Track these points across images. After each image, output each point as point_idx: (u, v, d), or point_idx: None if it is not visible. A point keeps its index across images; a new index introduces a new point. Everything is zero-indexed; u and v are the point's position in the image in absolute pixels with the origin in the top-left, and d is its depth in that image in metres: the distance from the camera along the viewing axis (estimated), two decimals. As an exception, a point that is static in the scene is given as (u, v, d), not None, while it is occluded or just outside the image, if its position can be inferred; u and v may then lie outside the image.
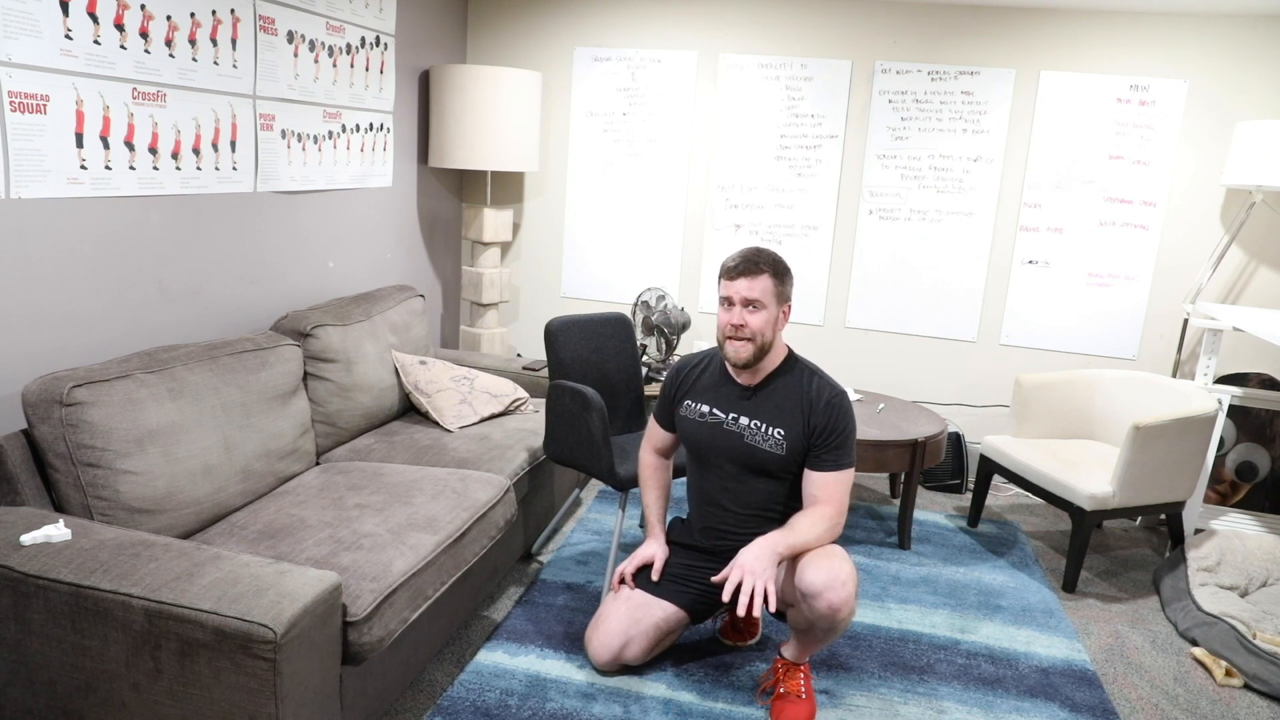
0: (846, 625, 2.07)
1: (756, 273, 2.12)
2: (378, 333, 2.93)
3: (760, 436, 2.18)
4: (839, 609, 2.00)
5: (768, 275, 2.12)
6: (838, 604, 2.00)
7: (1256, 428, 3.61)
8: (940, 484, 3.90)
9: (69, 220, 2.15)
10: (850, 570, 2.04)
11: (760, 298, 2.11)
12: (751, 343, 2.13)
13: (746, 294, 2.11)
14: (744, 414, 2.21)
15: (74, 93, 2.10)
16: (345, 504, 2.20)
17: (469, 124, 3.66)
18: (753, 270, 2.12)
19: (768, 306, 2.12)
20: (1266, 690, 2.42)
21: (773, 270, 2.13)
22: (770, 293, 2.12)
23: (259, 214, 2.84)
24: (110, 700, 1.63)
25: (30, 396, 1.87)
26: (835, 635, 2.10)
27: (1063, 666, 2.50)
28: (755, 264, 2.13)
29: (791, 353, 2.24)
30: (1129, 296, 3.81)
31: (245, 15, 2.64)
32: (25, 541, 1.69)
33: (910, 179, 3.92)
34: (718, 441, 2.24)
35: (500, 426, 2.93)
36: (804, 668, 2.22)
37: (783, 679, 2.21)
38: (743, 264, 2.13)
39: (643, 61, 4.06)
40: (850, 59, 3.88)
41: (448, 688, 2.22)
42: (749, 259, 2.14)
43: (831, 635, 2.10)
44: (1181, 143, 3.66)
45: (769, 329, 2.13)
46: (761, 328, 2.12)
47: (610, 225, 4.24)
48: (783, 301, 2.16)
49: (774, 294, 2.13)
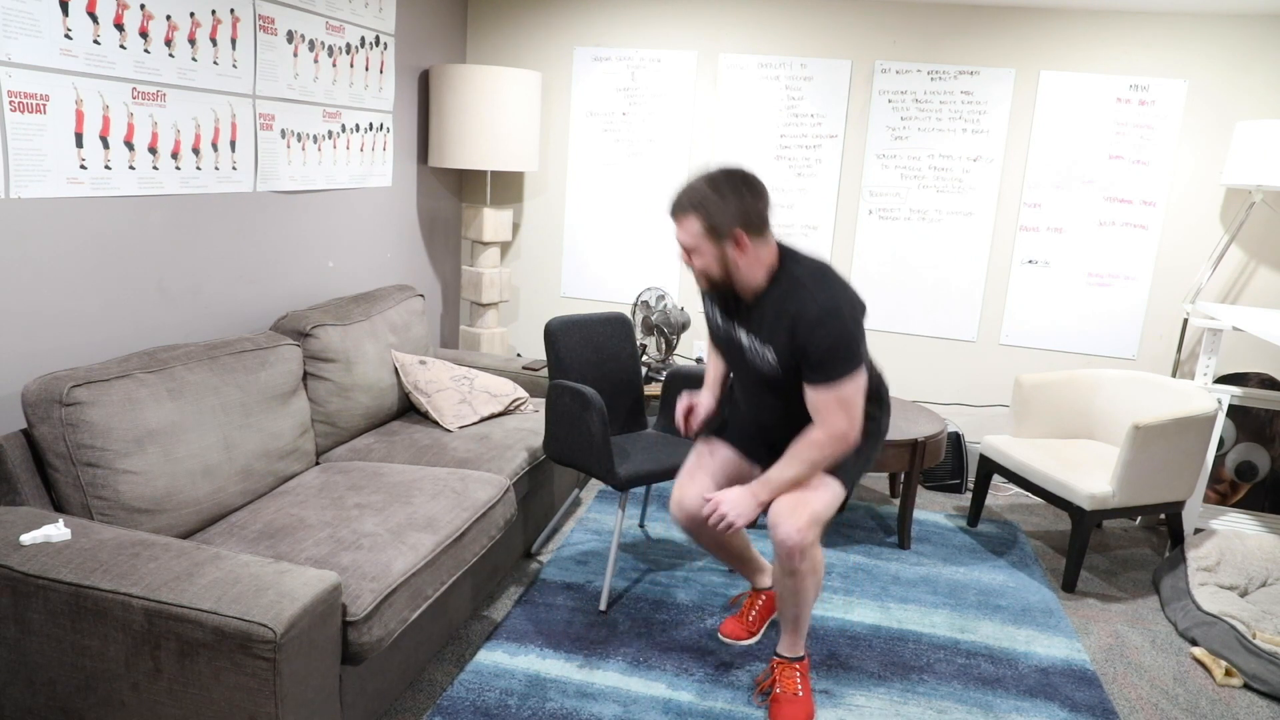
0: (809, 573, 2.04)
1: (682, 215, 1.96)
2: (378, 332, 2.93)
3: (756, 352, 2.07)
4: (786, 540, 1.99)
5: (693, 216, 1.94)
6: (784, 535, 1.99)
7: (1256, 427, 3.61)
8: (940, 484, 3.90)
9: (69, 220, 2.15)
10: (811, 508, 2.00)
11: (691, 242, 1.96)
12: (709, 283, 2.03)
13: (680, 239, 1.99)
14: (744, 328, 2.09)
15: (74, 92, 2.10)
16: (345, 504, 2.20)
17: (469, 124, 3.66)
18: (678, 211, 1.97)
19: (702, 250, 1.96)
20: (1266, 690, 2.42)
21: (698, 209, 1.93)
22: (700, 234, 1.94)
23: (259, 214, 2.84)
24: (110, 700, 1.63)
25: (30, 396, 1.87)
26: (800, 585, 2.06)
27: (1062, 666, 2.50)
28: (681, 204, 1.96)
29: (784, 263, 2.02)
30: (1129, 296, 3.81)
31: (245, 15, 2.64)
32: (25, 541, 1.69)
33: (910, 179, 3.92)
34: (730, 347, 2.16)
35: (500, 426, 2.93)
36: (800, 666, 2.21)
37: (779, 679, 2.20)
38: (672, 204, 1.98)
39: (642, 61, 4.06)
40: (850, 59, 3.88)
41: (447, 687, 2.22)
42: (676, 198, 1.97)
43: (794, 582, 2.05)
44: (1181, 143, 3.66)
45: (715, 267, 1.98)
46: (704, 269, 1.99)
47: (610, 225, 4.24)
48: (723, 236, 1.93)
49: (704, 234, 1.94)
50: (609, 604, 2.67)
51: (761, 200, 1.96)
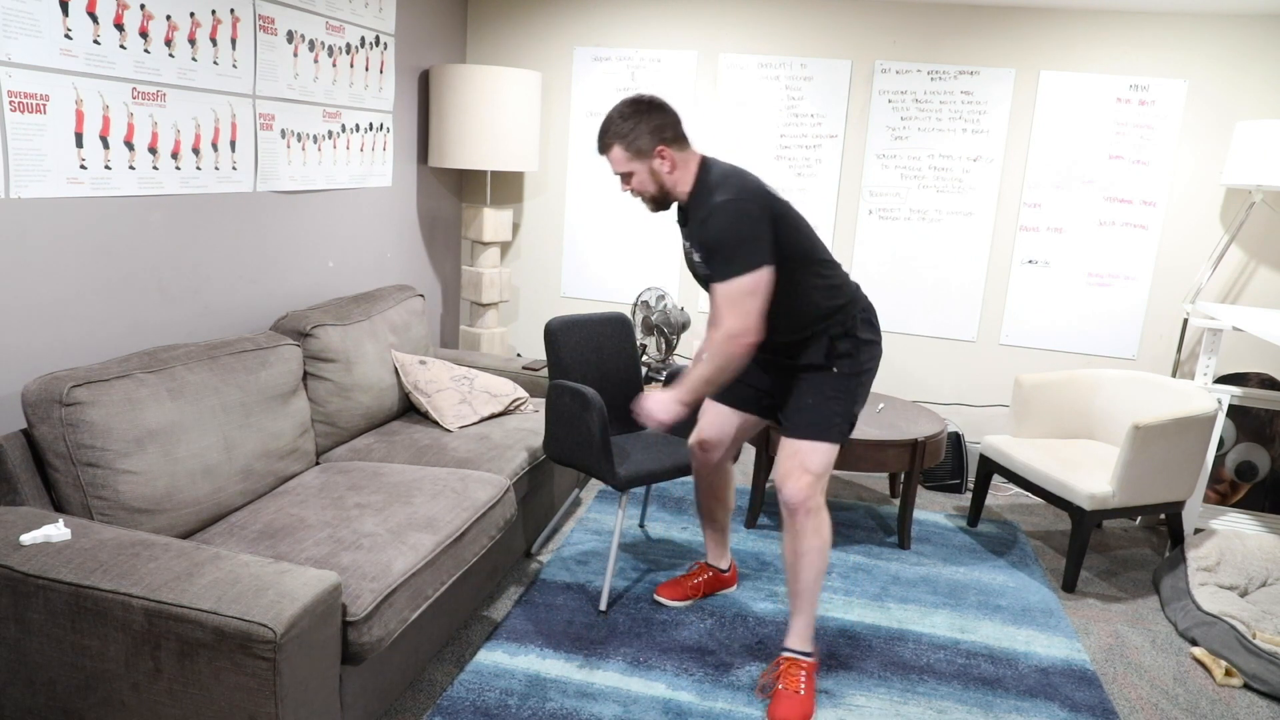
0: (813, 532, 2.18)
1: (608, 148, 2.17)
2: (378, 332, 2.93)
3: (696, 259, 2.22)
4: (790, 500, 2.17)
5: (617, 146, 2.15)
6: (789, 495, 2.18)
7: (1256, 427, 3.61)
8: (940, 484, 3.90)
9: (69, 220, 2.15)
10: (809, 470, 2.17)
11: (623, 168, 2.17)
12: (646, 200, 2.22)
13: (615, 169, 2.19)
14: (687, 240, 2.26)
15: (74, 92, 2.10)
16: (345, 504, 2.20)
17: (469, 124, 3.66)
18: (603, 147, 2.18)
19: (633, 171, 2.16)
20: (1266, 690, 2.42)
21: (618, 136, 2.14)
22: (625, 159, 2.15)
23: (259, 214, 2.84)
24: (110, 700, 1.63)
25: (30, 396, 1.87)
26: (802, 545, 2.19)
27: (1062, 666, 2.50)
28: (603, 141, 2.17)
29: (701, 173, 2.17)
30: (1129, 296, 3.81)
31: (245, 15, 2.64)
32: (25, 541, 1.69)
33: (910, 179, 3.92)
34: (690, 263, 2.31)
35: (500, 426, 2.93)
36: (807, 665, 2.23)
37: (783, 674, 2.23)
38: (597, 143, 2.20)
39: (643, 61, 4.06)
40: (850, 59, 3.88)
41: (447, 687, 2.22)
42: (599, 136, 2.19)
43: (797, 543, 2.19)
44: (1181, 143, 3.66)
45: (649, 184, 2.18)
46: (640, 188, 2.19)
47: (610, 225, 4.24)
48: (647, 154, 2.14)
49: (629, 157, 2.15)
50: (609, 604, 2.67)
51: (669, 115, 2.16)
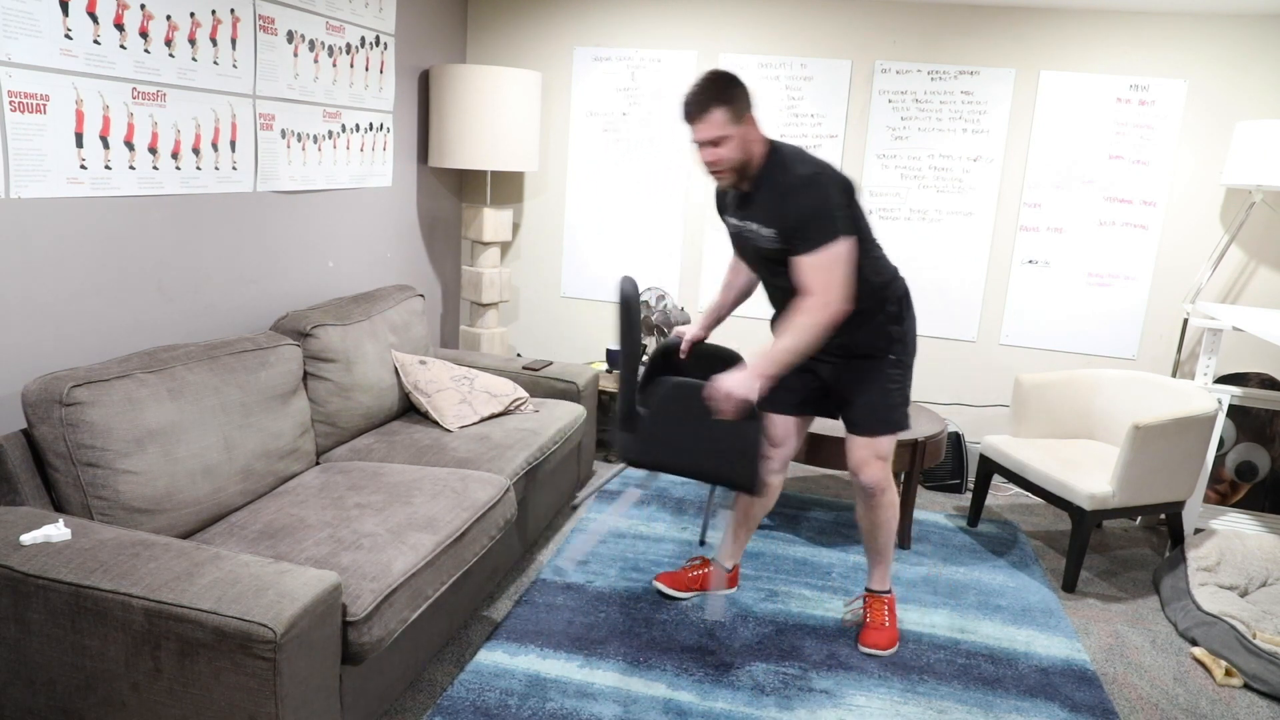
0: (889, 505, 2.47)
1: (704, 112, 2.14)
2: (378, 332, 2.93)
3: (761, 237, 2.24)
4: (869, 486, 2.44)
5: (716, 109, 2.13)
6: (867, 482, 2.44)
7: (1256, 427, 3.61)
8: (940, 484, 3.90)
9: (69, 220, 2.15)
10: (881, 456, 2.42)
11: (718, 133, 2.15)
12: (730, 171, 2.21)
13: (706, 135, 2.16)
14: (750, 219, 2.27)
15: (74, 92, 2.10)
16: (345, 504, 2.20)
17: (469, 124, 3.65)
18: (701, 112, 2.15)
19: (730, 136, 2.15)
20: (1266, 690, 2.42)
21: (720, 100, 2.13)
22: (725, 123, 2.14)
23: (259, 214, 2.84)
24: (110, 700, 1.63)
25: (30, 396, 1.87)
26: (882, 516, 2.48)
27: (1062, 666, 2.51)
28: (702, 104, 2.14)
29: (772, 148, 2.23)
30: (1129, 296, 3.81)
31: (245, 15, 2.64)
32: (25, 541, 1.69)
33: (910, 179, 3.92)
34: (746, 247, 2.35)
35: (500, 426, 2.93)
36: (888, 600, 2.60)
37: (870, 609, 2.59)
38: (691, 107, 2.16)
39: (642, 61, 4.06)
40: (850, 59, 3.88)
41: (448, 687, 2.22)
42: (694, 101, 2.16)
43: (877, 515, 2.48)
44: (1181, 143, 3.66)
45: (738, 151, 2.18)
46: (731, 155, 2.17)
47: (610, 225, 4.24)
48: (741, 120, 2.16)
49: (729, 121, 2.14)
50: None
51: (747, 87, 2.20)
